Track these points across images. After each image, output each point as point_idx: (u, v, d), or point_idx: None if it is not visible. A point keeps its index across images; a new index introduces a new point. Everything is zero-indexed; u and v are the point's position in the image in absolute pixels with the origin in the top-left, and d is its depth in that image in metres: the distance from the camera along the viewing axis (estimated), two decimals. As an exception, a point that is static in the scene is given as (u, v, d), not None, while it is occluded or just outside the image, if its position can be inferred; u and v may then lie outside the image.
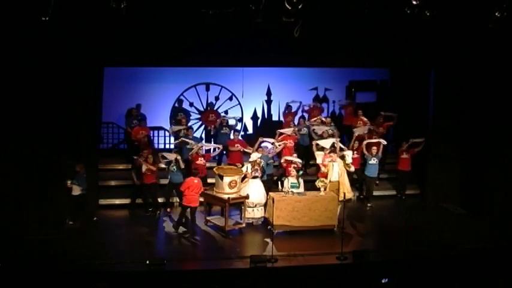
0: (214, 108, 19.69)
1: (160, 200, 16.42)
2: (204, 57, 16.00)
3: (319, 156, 16.29)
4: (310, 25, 14.20)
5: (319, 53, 15.99)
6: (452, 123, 17.04)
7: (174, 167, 15.88)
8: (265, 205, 15.50)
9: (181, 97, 19.68)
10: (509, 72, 15.72)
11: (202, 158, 16.41)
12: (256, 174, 15.65)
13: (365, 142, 17.11)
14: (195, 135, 18.22)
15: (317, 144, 16.83)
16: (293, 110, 19.23)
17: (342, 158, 15.87)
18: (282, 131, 17.66)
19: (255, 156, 15.95)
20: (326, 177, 15.49)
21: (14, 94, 14.45)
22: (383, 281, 12.16)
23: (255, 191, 15.43)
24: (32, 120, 14.64)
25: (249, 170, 15.65)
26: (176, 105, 19.58)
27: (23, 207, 14.57)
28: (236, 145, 17.31)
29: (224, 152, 17.78)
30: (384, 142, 17.03)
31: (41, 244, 13.57)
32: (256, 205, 15.43)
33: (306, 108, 19.55)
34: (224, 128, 18.34)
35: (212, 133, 19.04)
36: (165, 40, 15.03)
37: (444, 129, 17.15)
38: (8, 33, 13.78)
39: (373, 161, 16.91)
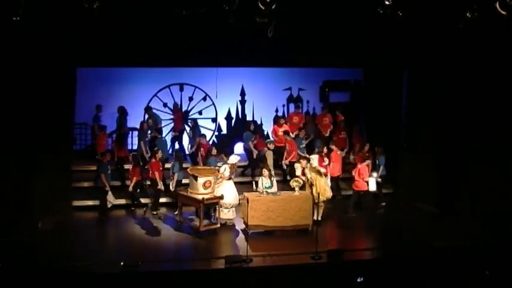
0: (185, 109, 19.82)
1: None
2: (178, 58, 15.95)
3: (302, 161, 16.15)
4: (284, 25, 14.21)
5: (293, 53, 16.02)
6: (425, 123, 17.16)
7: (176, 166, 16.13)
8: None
9: (153, 98, 19.61)
10: (482, 71, 15.85)
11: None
12: (231, 175, 15.63)
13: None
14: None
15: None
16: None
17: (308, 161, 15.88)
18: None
19: (234, 159, 15.87)
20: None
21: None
22: (358, 280, 12.22)
23: (228, 192, 15.41)
24: (4, 121, 14.45)
25: (226, 173, 15.55)
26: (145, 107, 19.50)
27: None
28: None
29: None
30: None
31: (13, 246, 13.34)
32: (232, 206, 15.43)
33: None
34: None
35: (173, 135, 19.08)
36: (138, 40, 14.92)
37: (417, 128, 17.27)
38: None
39: (377, 162, 17.18)
